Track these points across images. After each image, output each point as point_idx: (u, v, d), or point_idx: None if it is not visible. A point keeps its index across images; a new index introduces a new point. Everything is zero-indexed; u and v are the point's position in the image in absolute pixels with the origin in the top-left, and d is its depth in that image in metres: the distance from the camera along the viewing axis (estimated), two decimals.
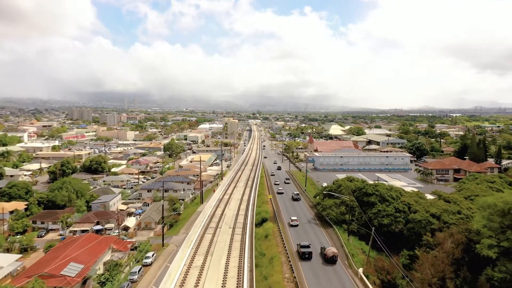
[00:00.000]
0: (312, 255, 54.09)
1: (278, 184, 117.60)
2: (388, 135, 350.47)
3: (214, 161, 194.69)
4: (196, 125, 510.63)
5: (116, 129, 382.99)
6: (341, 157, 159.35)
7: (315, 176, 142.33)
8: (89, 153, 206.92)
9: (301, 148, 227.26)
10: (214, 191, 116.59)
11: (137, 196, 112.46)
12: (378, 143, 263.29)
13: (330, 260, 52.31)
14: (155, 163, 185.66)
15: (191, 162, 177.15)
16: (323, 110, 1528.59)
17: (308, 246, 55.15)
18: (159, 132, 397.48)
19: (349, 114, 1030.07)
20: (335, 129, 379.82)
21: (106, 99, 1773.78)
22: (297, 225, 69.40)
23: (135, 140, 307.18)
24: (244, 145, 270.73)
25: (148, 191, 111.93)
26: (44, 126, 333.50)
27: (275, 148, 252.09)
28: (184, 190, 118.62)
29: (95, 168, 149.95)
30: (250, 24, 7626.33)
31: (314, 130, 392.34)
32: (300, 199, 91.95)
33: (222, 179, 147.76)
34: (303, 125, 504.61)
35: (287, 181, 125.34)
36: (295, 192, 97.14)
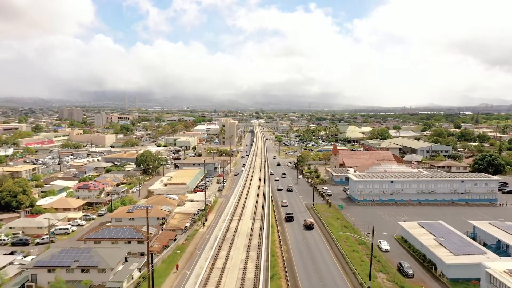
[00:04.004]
0: None
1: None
2: (418, 139, 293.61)
3: (201, 181, 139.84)
4: (193, 126, 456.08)
5: (96, 132, 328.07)
6: (392, 182, 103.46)
7: (353, 215, 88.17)
8: (33, 169, 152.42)
9: (320, 159, 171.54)
10: (177, 267, 61.87)
11: (27, 280, 57.57)
12: (414, 151, 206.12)
13: None
14: (118, 185, 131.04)
15: (166, 185, 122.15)
16: (327, 109, 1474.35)
17: None
18: (147, 135, 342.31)
19: (356, 113, 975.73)
20: (352, 131, 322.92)
21: (108, 98, 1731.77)
22: None
23: (113, 146, 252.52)
24: (243, 160, 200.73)
25: (49, 271, 57.23)
26: (6, 129, 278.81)
27: (284, 157, 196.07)
28: (126, 260, 63.78)
29: (7, 202, 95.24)
30: (254, 20, 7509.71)
31: (326, 131, 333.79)
32: None
33: (206, 219, 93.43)
34: (312, 125, 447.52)
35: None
36: None
